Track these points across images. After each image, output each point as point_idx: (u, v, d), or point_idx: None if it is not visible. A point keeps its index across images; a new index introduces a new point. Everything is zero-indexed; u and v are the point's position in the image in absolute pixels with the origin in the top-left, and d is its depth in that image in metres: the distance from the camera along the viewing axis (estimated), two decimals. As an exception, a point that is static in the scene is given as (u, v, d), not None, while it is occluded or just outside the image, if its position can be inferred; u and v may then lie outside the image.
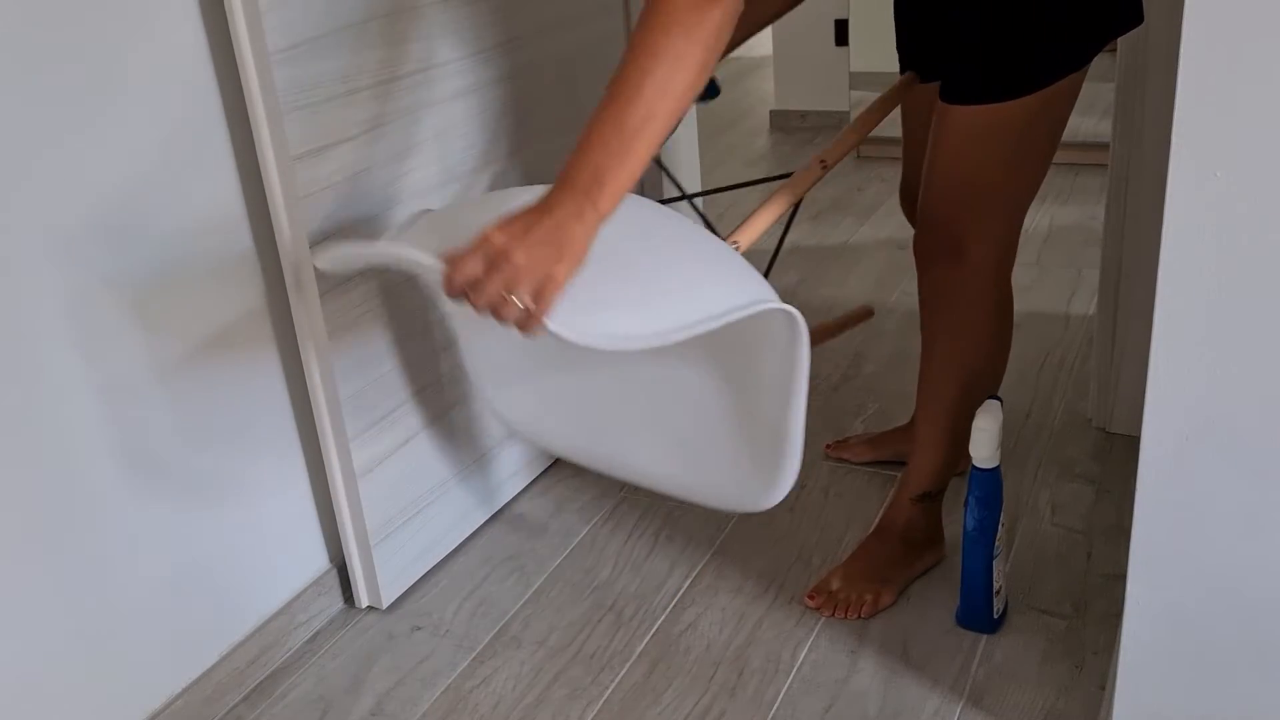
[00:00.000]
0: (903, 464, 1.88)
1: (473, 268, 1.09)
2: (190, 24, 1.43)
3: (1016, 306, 1.70)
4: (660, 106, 1.12)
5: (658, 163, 1.23)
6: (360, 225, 1.61)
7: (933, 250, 1.63)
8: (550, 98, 1.94)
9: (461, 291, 1.10)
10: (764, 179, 1.91)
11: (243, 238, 1.55)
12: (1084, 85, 1.52)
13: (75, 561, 1.39)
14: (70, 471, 1.37)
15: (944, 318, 1.66)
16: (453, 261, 1.09)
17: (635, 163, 1.12)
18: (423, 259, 1.13)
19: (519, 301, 1.09)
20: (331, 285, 1.58)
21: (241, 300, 1.57)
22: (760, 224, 1.54)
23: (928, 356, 1.71)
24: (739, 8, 1.16)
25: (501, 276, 1.08)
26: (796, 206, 1.60)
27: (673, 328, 1.18)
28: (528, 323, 1.10)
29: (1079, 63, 1.48)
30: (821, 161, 1.60)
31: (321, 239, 1.55)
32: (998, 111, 1.48)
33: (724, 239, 1.47)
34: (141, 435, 1.45)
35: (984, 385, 1.67)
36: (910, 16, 1.68)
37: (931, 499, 1.76)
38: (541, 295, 1.09)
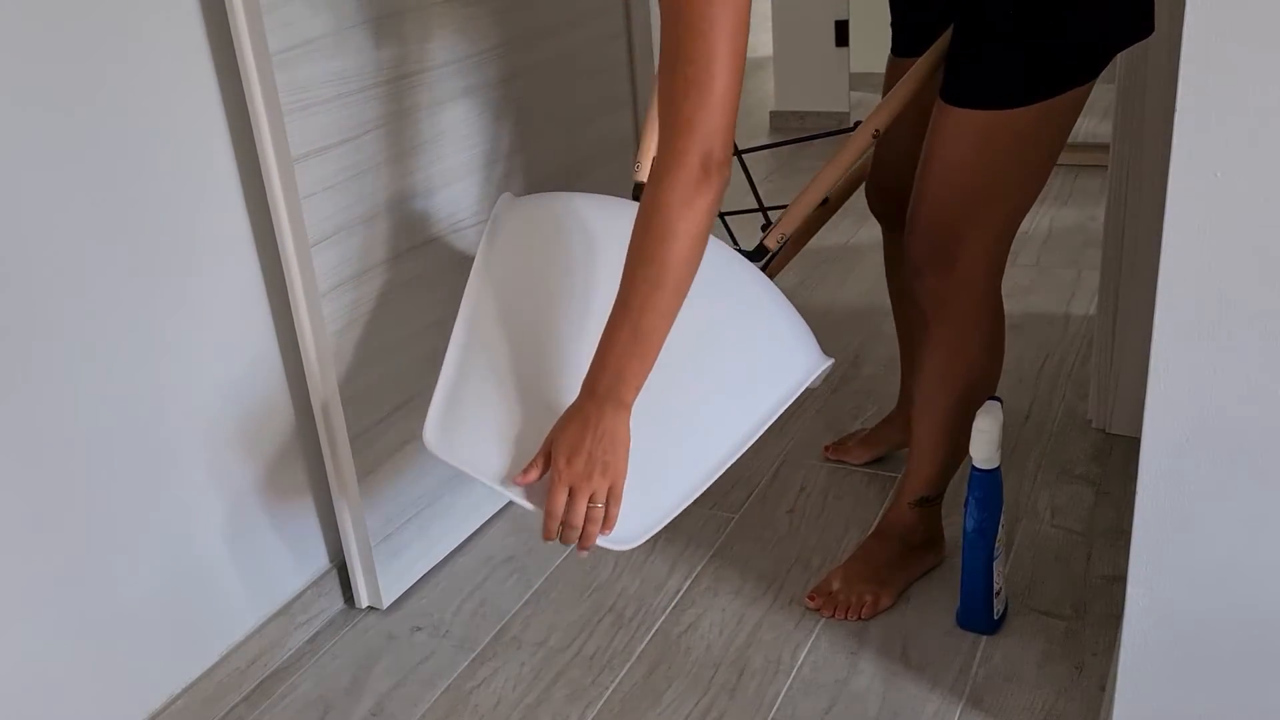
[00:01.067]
0: (901, 456, 1.88)
1: (561, 500, 1.26)
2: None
3: (1017, 308, 1.69)
4: (670, 305, 1.24)
5: None
6: (361, 225, 1.61)
7: (921, 257, 1.58)
8: (550, 98, 1.94)
9: (561, 526, 1.27)
10: (824, 133, 1.90)
11: (242, 233, 1.56)
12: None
13: (76, 561, 1.39)
14: (72, 471, 1.38)
15: (935, 329, 1.62)
16: (548, 510, 1.27)
17: (653, 355, 1.25)
18: (524, 504, 1.29)
19: (601, 507, 1.26)
20: (331, 285, 1.58)
21: (241, 300, 1.57)
22: (804, 206, 1.57)
23: (920, 365, 1.68)
24: (728, 181, 1.26)
25: (585, 498, 1.25)
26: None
27: (725, 458, 1.32)
28: (606, 524, 1.27)
29: (1090, 74, 1.45)
30: (875, 131, 1.57)
31: (322, 240, 1.55)
32: (1001, 118, 1.45)
33: (770, 221, 1.50)
34: (142, 433, 1.46)
35: (979, 391, 1.65)
36: (907, 9, 1.67)
37: (930, 503, 1.76)
38: (614, 494, 1.27)
